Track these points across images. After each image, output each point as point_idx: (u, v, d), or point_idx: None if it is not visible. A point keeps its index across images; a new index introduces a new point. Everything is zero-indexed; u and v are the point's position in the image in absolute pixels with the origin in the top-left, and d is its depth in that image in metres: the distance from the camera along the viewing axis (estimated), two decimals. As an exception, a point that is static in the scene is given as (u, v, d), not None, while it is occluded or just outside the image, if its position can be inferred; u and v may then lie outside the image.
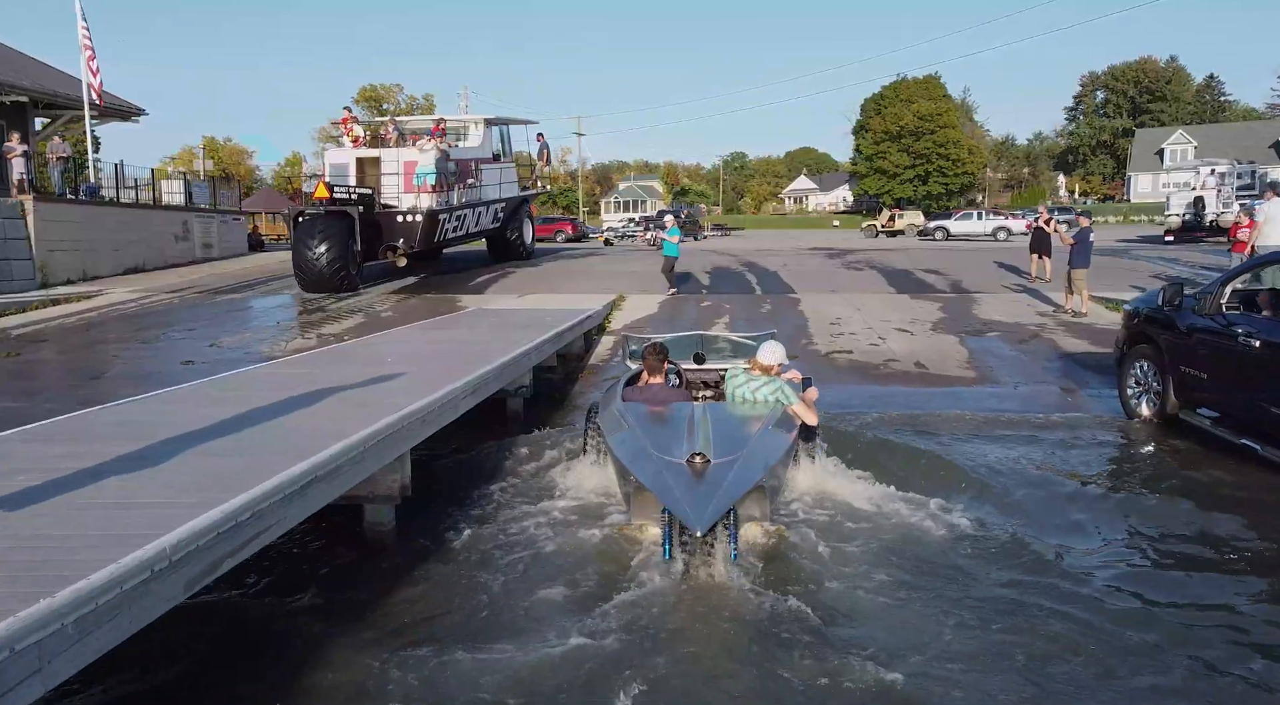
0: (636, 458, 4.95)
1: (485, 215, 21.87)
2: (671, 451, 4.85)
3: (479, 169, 21.85)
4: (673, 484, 4.49)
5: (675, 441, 5.00)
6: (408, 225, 19.22)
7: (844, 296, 16.49)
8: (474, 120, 23.09)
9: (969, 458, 6.97)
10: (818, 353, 11.92)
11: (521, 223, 23.77)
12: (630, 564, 4.78)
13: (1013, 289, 17.05)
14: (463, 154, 21.61)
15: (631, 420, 5.56)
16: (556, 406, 9.40)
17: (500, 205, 22.53)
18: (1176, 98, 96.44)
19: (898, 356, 11.58)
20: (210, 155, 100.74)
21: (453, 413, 6.29)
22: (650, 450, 4.93)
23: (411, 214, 19.23)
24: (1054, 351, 11.65)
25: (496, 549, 5.21)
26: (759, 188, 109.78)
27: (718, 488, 4.43)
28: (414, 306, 16.56)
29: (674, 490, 4.44)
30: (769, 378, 6.09)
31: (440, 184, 19.67)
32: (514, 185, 23.70)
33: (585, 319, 12.30)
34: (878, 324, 13.75)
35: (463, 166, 21.09)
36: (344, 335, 13.60)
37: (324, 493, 4.34)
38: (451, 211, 20.16)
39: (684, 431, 5.17)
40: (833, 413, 8.42)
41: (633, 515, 5.16)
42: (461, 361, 7.67)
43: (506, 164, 23.87)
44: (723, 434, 5.15)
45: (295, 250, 18.19)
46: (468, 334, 10.25)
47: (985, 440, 7.71)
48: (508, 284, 19.52)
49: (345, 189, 18.70)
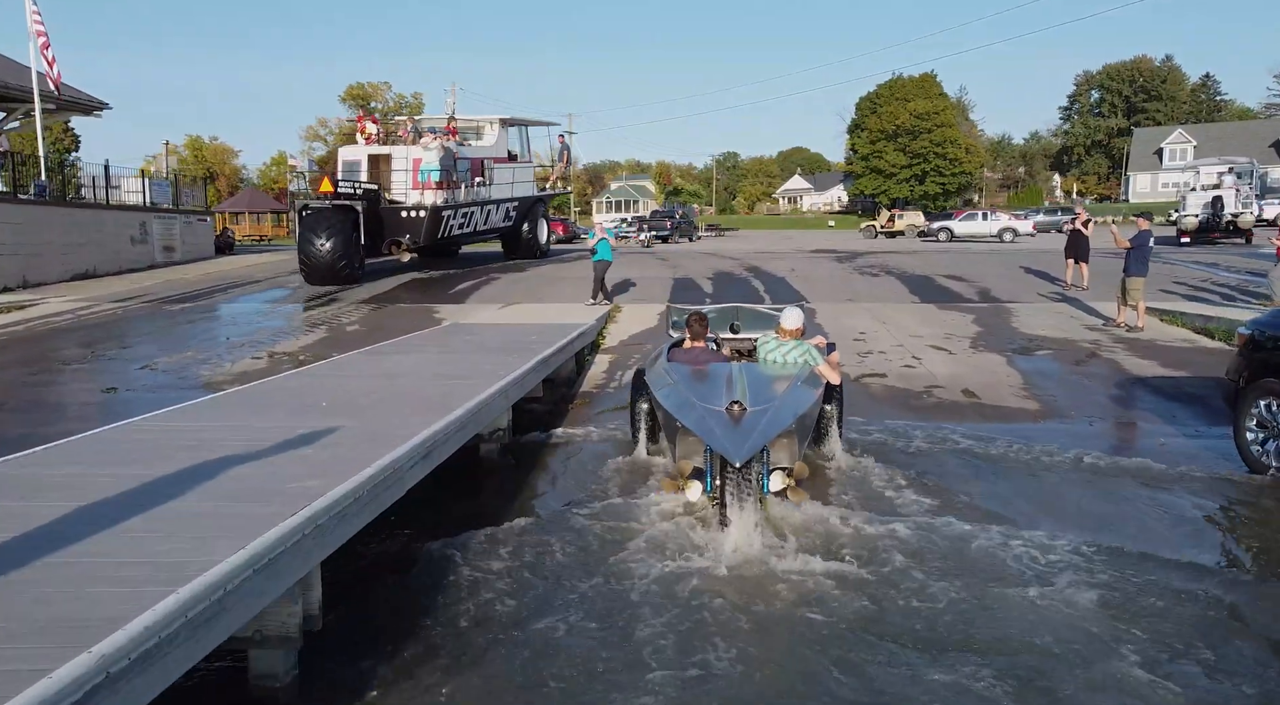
0: (682, 407, 5.57)
1: (496, 214, 22.09)
2: (712, 401, 5.42)
3: (491, 168, 22.13)
4: (714, 426, 5.10)
5: (715, 394, 5.60)
6: (412, 220, 19.54)
7: (864, 307, 14.84)
8: (489, 120, 23.43)
9: (1072, 543, 5.31)
10: (845, 377, 10.26)
11: (537, 222, 23.87)
12: None
13: (1049, 298, 15.45)
14: (473, 152, 21.92)
15: (676, 377, 6.21)
16: (542, 452, 7.70)
17: (513, 204, 22.67)
18: (1172, 97, 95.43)
19: (940, 381, 9.93)
20: (194, 154, 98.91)
21: (393, 491, 4.59)
22: (694, 400, 5.54)
23: (416, 210, 19.51)
24: (1121, 375, 10.02)
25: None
26: (751, 188, 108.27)
27: (754, 429, 5.04)
28: (384, 318, 14.83)
29: (715, 431, 5.05)
30: (797, 342, 6.79)
31: (445, 181, 19.86)
32: (529, 185, 23.82)
33: (576, 337, 10.61)
34: (908, 340, 12.10)
35: (473, 165, 21.38)
36: (299, 354, 11.89)
37: (168, 666, 2.66)
38: (457, 209, 20.40)
39: (723, 386, 5.82)
40: (882, 455, 6.83)
41: (678, 456, 5.87)
42: (417, 406, 5.98)
43: (523, 164, 24.01)
44: (757, 388, 5.84)
45: (300, 242, 18.56)
46: (433, 361, 8.52)
47: (1081, 502, 6.07)
48: (491, 291, 17.81)
49: (350, 184, 19.16)
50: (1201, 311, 12.74)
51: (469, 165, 21.13)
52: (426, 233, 19.62)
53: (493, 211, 21.99)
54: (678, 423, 5.51)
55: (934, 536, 5.15)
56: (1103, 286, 15.98)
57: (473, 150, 22.01)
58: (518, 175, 23.26)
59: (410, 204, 19.63)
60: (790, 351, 6.68)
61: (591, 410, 9.09)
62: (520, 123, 24.52)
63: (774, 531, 5.22)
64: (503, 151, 23.09)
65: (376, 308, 16.01)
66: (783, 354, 6.72)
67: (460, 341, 9.91)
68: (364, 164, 20.48)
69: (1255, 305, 13.12)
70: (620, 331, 13.28)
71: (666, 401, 5.90)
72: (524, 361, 8.11)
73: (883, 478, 6.48)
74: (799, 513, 5.51)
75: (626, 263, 23.61)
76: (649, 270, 21.11)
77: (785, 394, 5.85)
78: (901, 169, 76.66)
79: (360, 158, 20.72)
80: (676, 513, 5.58)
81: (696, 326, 7.17)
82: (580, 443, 7.89)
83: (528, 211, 23.29)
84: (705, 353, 7.09)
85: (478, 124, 23.46)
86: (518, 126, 24.33)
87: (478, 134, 23.18)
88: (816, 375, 6.47)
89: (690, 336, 7.21)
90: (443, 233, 20.11)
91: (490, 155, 22.45)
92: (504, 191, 22.42)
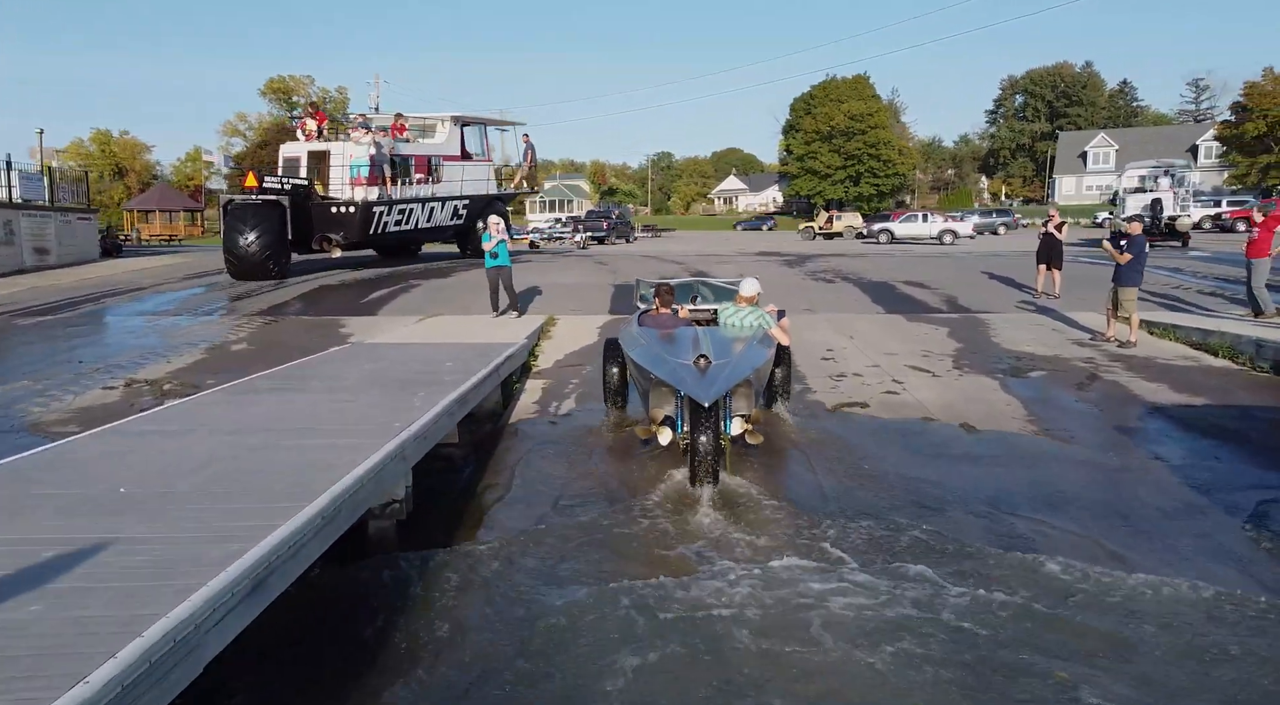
0: (655, 361, 6.51)
1: (442, 211, 21.93)
2: (682, 357, 6.28)
3: (440, 165, 22.11)
4: (685, 376, 5.97)
5: (684, 351, 6.46)
6: (342, 216, 19.34)
7: (826, 318, 13.40)
8: (441, 117, 23.24)
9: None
10: (821, 406, 8.73)
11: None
12: None
13: (1022, 308, 14.28)
14: (419, 150, 21.87)
15: (647, 339, 7.12)
16: (454, 522, 5.91)
17: (463, 202, 22.48)
18: (1092, 102, 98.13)
19: (931, 411, 8.47)
20: (101, 148, 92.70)
21: (185, 672, 2.78)
22: (666, 357, 6.47)
23: (347, 206, 19.36)
24: (1134, 402, 8.73)
25: None
26: (686, 188, 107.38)
27: (718, 377, 5.91)
28: (279, 335, 12.74)
29: (686, 379, 5.92)
30: (752, 308, 7.72)
31: (375, 177, 19.68)
32: (484, 183, 23.65)
33: (503, 362, 8.82)
34: (883, 359, 10.67)
35: (417, 161, 21.37)
36: (165, 382, 9.80)
37: None
38: (392, 205, 20.14)
39: (690, 345, 6.61)
40: (880, 529, 5.26)
41: (651, 406, 6.84)
42: (264, 490, 4.16)
43: (479, 163, 23.93)
44: (719, 346, 6.66)
45: (226, 237, 18.44)
46: (313, 405, 6.59)
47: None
48: (410, 300, 15.82)
49: (277, 179, 19.05)
50: (1192, 323, 11.66)
51: (410, 162, 21.12)
52: (358, 228, 19.40)
53: (437, 209, 21.77)
54: (652, 376, 6.39)
55: None
56: (1074, 294, 14.95)
57: (420, 147, 22.01)
58: (470, 173, 23.05)
59: (343, 200, 19.51)
60: (746, 316, 7.69)
61: (518, 457, 7.31)
62: (478, 122, 24.45)
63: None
64: (454, 149, 22.90)
65: (273, 321, 13.87)
66: (740, 318, 7.71)
67: (356, 372, 7.99)
68: (304, 160, 20.38)
69: (1247, 317, 12.14)
70: (556, 349, 11.53)
71: (641, 359, 6.72)
72: (432, 403, 6.32)
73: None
74: None
75: (561, 266, 21.92)
76: (587, 276, 19.39)
77: (743, 351, 6.70)
78: (836, 170, 76.56)
79: (300, 154, 20.64)
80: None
81: (665, 296, 8.28)
82: (507, 507, 6.14)
83: (483, 210, 22.82)
84: (672, 319, 8.05)
85: (430, 121, 23.41)
86: (476, 125, 24.35)
87: (429, 131, 23.13)
88: (769, 337, 7.47)
89: (659, 304, 8.25)
90: (376, 229, 19.81)
91: (440, 152, 22.35)
92: (453, 189, 22.23)
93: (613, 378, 8.31)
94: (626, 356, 7.59)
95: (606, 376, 8.39)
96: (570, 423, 8.37)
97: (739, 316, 7.68)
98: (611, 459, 7.20)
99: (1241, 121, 63.81)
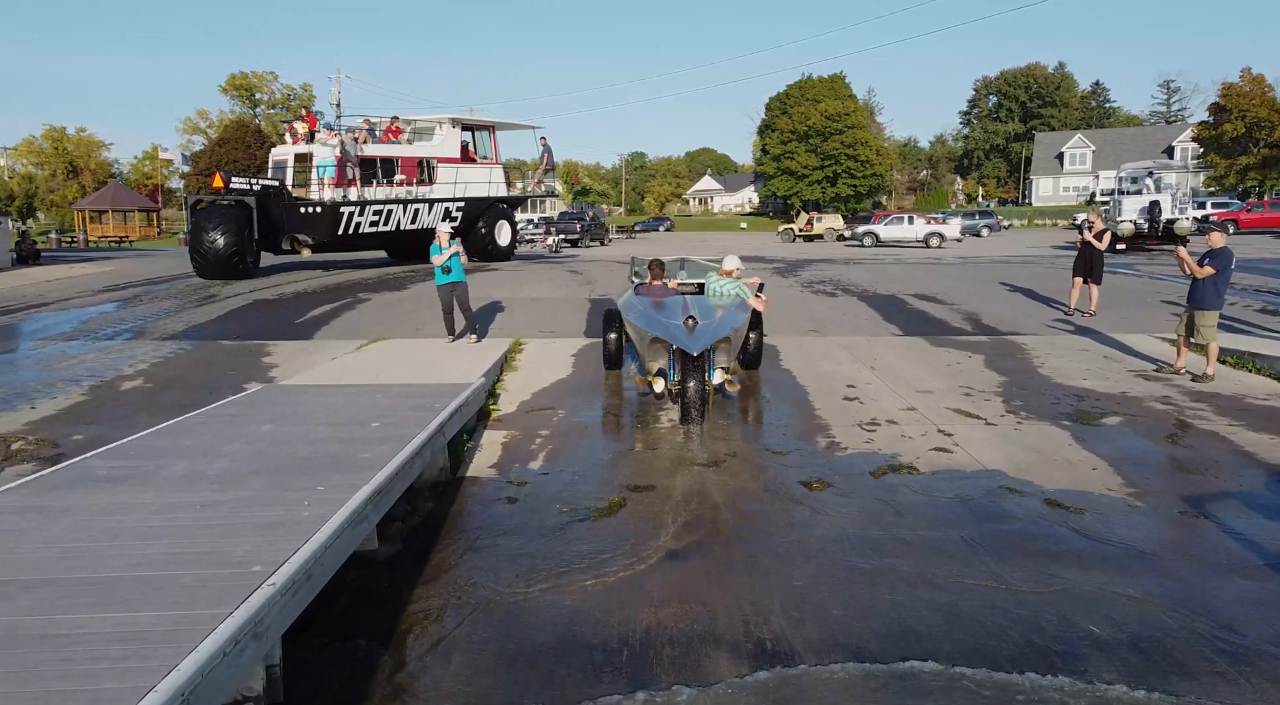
0: (651, 322, 7.96)
1: (428, 213, 21.97)
2: (673, 318, 7.85)
3: (434, 167, 22.48)
4: (676, 332, 7.48)
5: (675, 314, 8.04)
6: (308, 216, 19.54)
7: (836, 342, 11.53)
8: (439, 120, 23.44)
9: None
10: (859, 471, 6.81)
11: (495, 224, 23.83)
12: None
13: (1058, 328, 12.51)
14: (408, 151, 22.20)
15: (643, 306, 8.64)
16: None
17: (456, 204, 22.62)
18: (1065, 103, 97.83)
19: (1007, 478, 6.55)
20: (54, 146, 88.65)
21: None
22: (660, 319, 7.96)
23: (314, 206, 19.62)
24: (1253, 464, 6.90)
25: None
26: (660, 188, 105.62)
27: (704, 332, 7.46)
28: (187, 367, 10.58)
29: (678, 335, 7.43)
30: (733, 280, 9.24)
31: (343, 177, 19.95)
32: (483, 186, 23.65)
33: (449, 417, 6.78)
34: (919, 399, 8.79)
35: (404, 163, 21.78)
36: (14, 440, 7.63)
37: None
38: (365, 206, 20.25)
39: (679, 309, 8.19)
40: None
41: (646, 360, 8.36)
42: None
43: (480, 165, 23.94)
44: (704, 310, 8.21)
45: (193, 237, 18.88)
46: (160, 512, 4.42)
47: None
48: (354, 319, 13.71)
49: (244, 181, 19.29)
50: (1275, 351, 9.93)
51: (396, 163, 21.45)
52: (326, 229, 19.57)
53: (423, 210, 21.83)
54: (648, 334, 7.93)
55: None
56: (1112, 313, 13.22)
57: (411, 149, 22.31)
58: (467, 175, 23.08)
59: (311, 200, 19.74)
60: (727, 286, 9.06)
61: (466, 568, 5.29)
62: (483, 125, 24.53)
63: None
64: (452, 151, 23.02)
65: (187, 348, 11.67)
66: (722, 287, 9.07)
67: (243, 442, 5.89)
68: (290, 163, 20.73)
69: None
70: (523, 385, 9.51)
71: (639, 321, 8.25)
72: (334, 507, 4.29)
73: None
74: None
75: (530, 276, 19.83)
76: (559, 288, 17.35)
77: (724, 314, 8.25)
78: (813, 170, 75.13)
79: (287, 157, 20.98)
80: None
81: (657, 269, 9.57)
82: (443, 672, 4.10)
83: (484, 212, 23.16)
84: (664, 289, 9.36)
85: (428, 124, 23.59)
86: (483, 129, 24.55)
87: (427, 134, 23.27)
88: (746, 303, 8.85)
89: (652, 277, 9.54)
90: (346, 230, 19.91)
91: (436, 154, 22.60)
92: (445, 191, 22.42)
93: (611, 343, 9.77)
94: (626, 320, 9.04)
95: (606, 342, 9.81)
96: (538, 497, 6.37)
97: (721, 285, 9.14)
98: (589, 564, 5.20)
99: (1220, 123, 63.23)
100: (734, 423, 8.13)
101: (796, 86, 79.45)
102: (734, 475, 6.70)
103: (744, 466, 6.90)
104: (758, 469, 6.86)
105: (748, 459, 7.09)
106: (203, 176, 74.88)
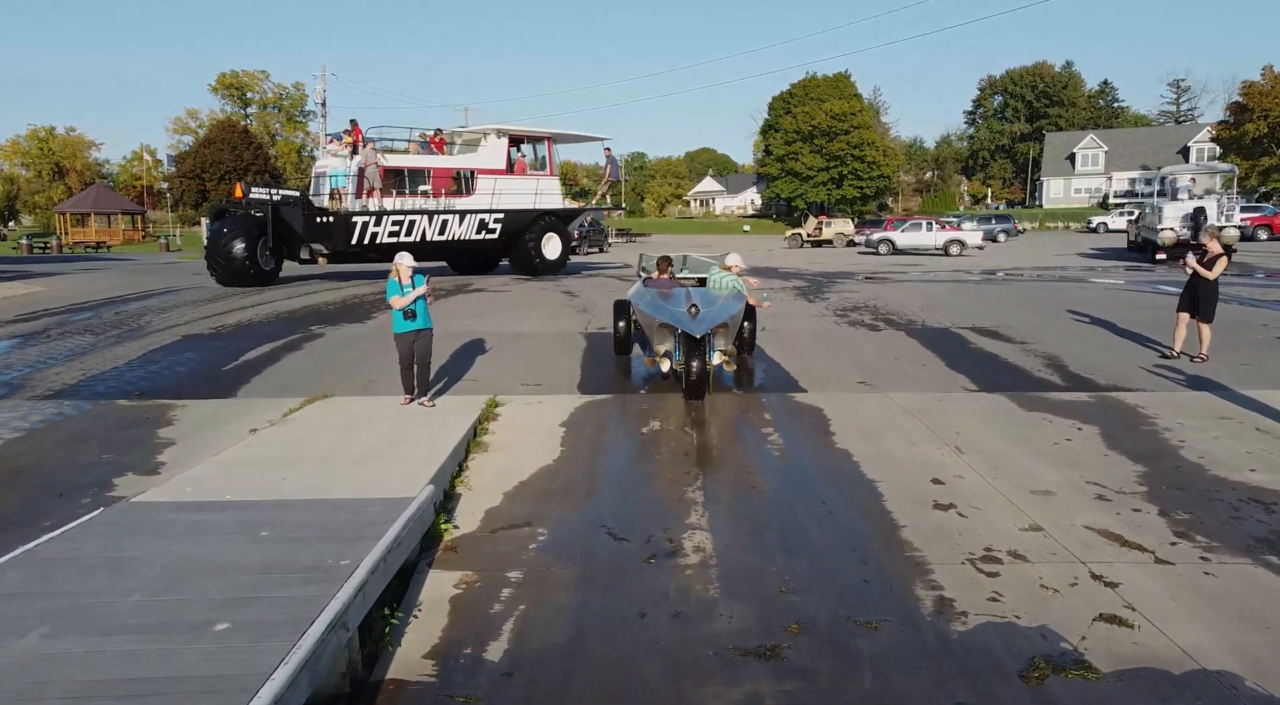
0: (659, 310, 9.18)
1: (461, 224, 21.90)
2: (678, 306, 8.96)
3: (472, 178, 22.22)
4: (681, 318, 8.70)
5: (679, 303, 9.06)
6: (323, 226, 19.76)
7: (898, 402, 9.04)
8: (485, 131, 23.21)
9: None
10: (991, 661, 4.34)
11: (542, 236, 23.27)
12: None
13: (1168, 378, 10.02)
14: (445, 162, 22.35)
15: (651, 296, 9.71)
16: None
17: (495, 215, 22.42)
18: (1072, 103, 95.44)
19: (1250, 690, 4.11)
20: (39, 146, 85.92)
21: None
22: (667, 307, 9.13)
23: (329, 216, 19.83)
24: None
25: None
26: (660, 189, 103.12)
27: (706, 318, 8.71)
28: (51, 442, 8.05)
29: (683, 319, 8.66)
30: (732, 275, 10.10)
31: (360, 188, 20.08)
32: (528, 197, 23.11)
33: (366, 579, 4.29)
34: (1039, 507, 6.30)
35: (438, 174, 21.77)
36: None
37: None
38: (383, 216, 20.30)
39: (684, 299, 9.13)
40: None
41: (654, 343, 9.61)
42: None
43: (526, 177, 23.41)
44: (705, 299, 9.26)
45: (210, 244, 19.80)
46: None
47: None
48: (297, 364, 11.22)
49: (264, 190, 19.95)
50: None
51: (426, 174, 21.40)
52: (340, 239, 19.74)
53: (453, 221, 21.68)
54: (657, 320, 9.12)
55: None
56: (1223, 358, 10.74)
57: (449, 160, 22.45)
58: (509, 186, 22.70)
59: (326, 210, 19.94)
60: (726, 279, 10.05)
61: None
62: (537, 136, 23.96)
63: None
64: (496, 162, 22.81)
65: (67, 413, 9.10)
66: (721, 280, 10.06)
67: (35, 637, 3.40)
68: (328, 175, 21.00)
69: None
70: (495, 479, 6.98)
71: (648, 309, 9.38)
72: None
73: None
74: None
75: (516, 301, 17.00)
76: (550, 319, 14.73)
77: (722, 303, 9.36)
78: (819, 171, 72.70)
79: (326, 168, 21.25)
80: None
81: (664, 264, 11.03)
82: None
83: (529, 225, 22.87)
84: (670, 281, 10.74)
85: (474, 135, 23.51)
86: (538, 140, 24.04)
87: (471, 145, 23.18)
88: (743, 295, 9.85)
89: (659, 272, 11.01)
90: (361, 239, 19.99)
91: (476, 166, 22.44)
92: (481, 202, 22.18)
93: (620, 332, 10.99)
94: (636, 308, 10.11)
95: (616, 331, 11.05)
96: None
97: (721, 278, 10.04)
98: None
99: (1240, 122, 60.82)
100: (795, 555, 5.61)
101: (800, 85, 77.06)
102: (808, 679, 4.21)
103: (819, 658, 4.41)
104: (841, 660, 4.37)
105: (821, 640, 4.60)
106: (186, 178, 72.21)
